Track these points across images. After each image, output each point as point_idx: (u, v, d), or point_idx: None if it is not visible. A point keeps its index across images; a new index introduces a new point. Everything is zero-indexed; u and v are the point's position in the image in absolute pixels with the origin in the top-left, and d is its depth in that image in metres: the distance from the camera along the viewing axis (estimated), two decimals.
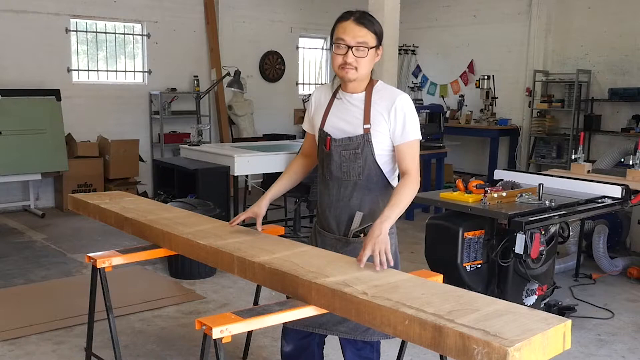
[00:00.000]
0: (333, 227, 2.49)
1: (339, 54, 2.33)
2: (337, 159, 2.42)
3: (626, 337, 4.00)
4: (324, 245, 2.48)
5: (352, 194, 2.43)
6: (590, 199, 4.08)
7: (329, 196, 2.49)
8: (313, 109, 2.55)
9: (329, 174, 2.46)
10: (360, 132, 2.37)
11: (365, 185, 2.42)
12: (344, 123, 2.41)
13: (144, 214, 2.90)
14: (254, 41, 9.21)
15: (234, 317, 1.93)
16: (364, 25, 2.31)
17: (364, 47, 2.30)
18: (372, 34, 2.32)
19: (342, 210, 2.45)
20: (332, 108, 2.45)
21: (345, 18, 2.33)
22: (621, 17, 8.01)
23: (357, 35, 2.29)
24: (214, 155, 5.65)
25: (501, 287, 3.75)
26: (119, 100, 8.07)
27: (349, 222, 2.44)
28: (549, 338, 1.57)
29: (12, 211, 7.24)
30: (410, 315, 1.67)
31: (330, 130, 2.44)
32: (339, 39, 2.32)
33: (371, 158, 2.38)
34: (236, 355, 3.55)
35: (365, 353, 2.52)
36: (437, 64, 10.25)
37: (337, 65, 2.35)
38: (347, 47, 2.30)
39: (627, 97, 7.87)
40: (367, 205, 2.42)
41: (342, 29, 2.32)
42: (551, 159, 8.65)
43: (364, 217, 2.41)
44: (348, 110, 2.41)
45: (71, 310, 4.12)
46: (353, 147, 2.38)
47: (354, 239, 2.43)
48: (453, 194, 3.80)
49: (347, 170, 2.41)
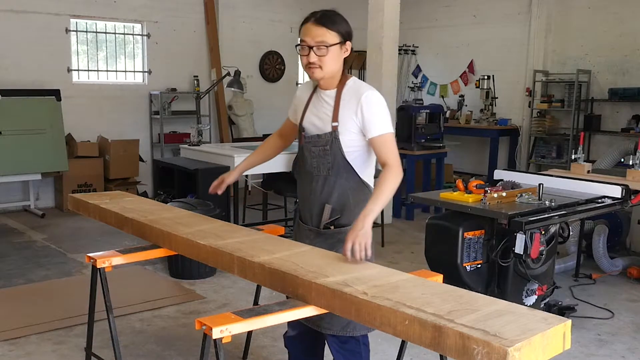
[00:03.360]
0: (308, 219, 2.62)
1: (302, 54, 2.44)
2: (308, 154, 2.55)
3: (626, 337, 4.00)
4: (300, 236, 2.63)
5: (323, 188, 2.53)
6: (590, 199, 4.08)
7: (303, 189, 2.62)
8: (296, 104, 2.70)
9: (302, 167, 2.59)
10: (329, 129, 2.47)
11: (334, 180, 2.51)
12: (317, 119, 2.53)
13: (144, 214, 2.90)
14: (254, 41, 9.21)
15: (234, 317, 1.93)
16: (323, 24, 2.40)
17: (323, 46, 2.39)
18: (333, 32, 2.41)
19: (314, 204, 2.57)
20: (310, 104, 2.58)
21: (307, 20, 2.45)
22: (621, 17, 8.01)
23: (316, 35, 2.40)
24: (214, 155, 5.65)
25: (501, 287, 3.75)
26: (119, 100, 8.07)
27: (320, 214, 2.55)
28: (548, 338, 1.57)
29: (12, 211, 7.24)
30: (410, 315, 1.67)
31: (306, 126, 2.57)
32: (302, 41, 2.44)
33: (340, 154, 2.47)
34: (236, 355, 3.55)
35: (350, 346, 2.56)
36: (437, 64, 10.25)
37: (304, 66, 2.48)
38: (308, 47, 2.41)
39: (627, 97, 7.87)
40: (337, 199, 2.52)
41: (303, 31, 2.44)
42: (551, 159, 8.65)
43: (333, 210, 2.52)
44: (321, 107, 2.53)
45: (71, 310, 4.12)
46: (322, 144, 2.49)
47: (324, 231, 2.55)
48: (453, 194, 3.80)
49: (317, 165, 2.52)
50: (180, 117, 8.36)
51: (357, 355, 2.56)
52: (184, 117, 8.34)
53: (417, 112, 7.53)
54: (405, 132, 7.33)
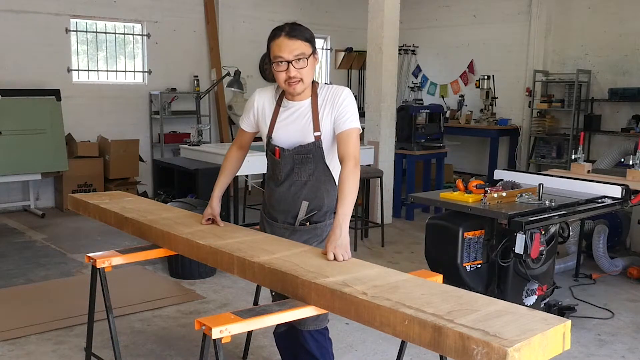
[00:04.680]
0: (281, 218, 2.64)
1: (280, 70, 2.42)
2: (289, 163, 2.55)
3: (626, 337, 4.00)
4: (274, 234, 2.63)
5: (302, 191, 2.57)
6: (590, 199, 4.08)
7: (279, 193, 2.61)
8: (257, 114, 2.64)
9: (280, 175, 2.59)
10: (312, 139, 2.49)
11: (314, 184, 2.56)
12: (293, 132, 2.52)
13: (144, 214, 2.90)
14: (254, 41, 9.20)
15: (233, 317, 1.93)
16: (296, 37, 2.41)
17: (302, 57, 2.40)
18: (306, 42, 2.42)
19: (291, 205, 2.60)
20: (279, 118, 2.56)
21: (276, 35, 2.43)
22: (621, 17, 8.01)
23: (293, 49, 2.39)
24: (214, 155, 5.65)
25: (501, 287, 3.75)
26: (119, 100, 8.07)
27: (296, 213, 2.59)
28: (548, 338, 1.57)
29: (12, 211, 7.24)
30: (409, 315, 1.67)
31: (280, 140, 2.55)
32: (277, 57, 2.41)
33: (321, 161, 2.53)
34: (236, 355, 3.55)
35: (322, 341, 2.66)
36: (437, 64, 10.25)
37: (283, 81, 2.44)
38: (287, 62, 2.39)
39: (627, 97, 7.87)
40: (315, 200, 2.58)
41: (277, 47, 2.41)
42: (551, 159, 8.65)
43: (310, 209, 2.57)
44: (296, 120, 2.52)
45: (71, 310, 4.12)
46: (304, 153, 2.51)
47: (300, 227, 2.59)
48: (453, 194, 3.80)
49: (298, 171, 2.55)
50: (180, 117, 8.36)
51: (325, 349, 2.67)
52: (184, 117, 8.34)
53: (417, 112, 7.53)
54: (405, 132, 7.33)
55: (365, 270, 2.09)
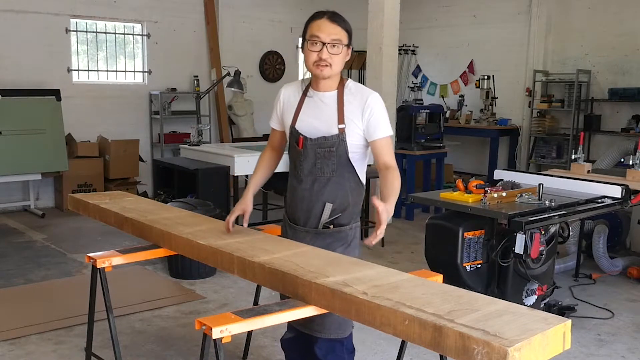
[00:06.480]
0: (302, 220, 2.55)
1: (313, 50, 2.38)
2: (312, 156, 2.48)
3: (626, 337, 4.00)
4: (296, 238, 2.54)
5: (325, 189, 2.50)
6: (590, 199, 4.08)
7: (302, 190, 2.54)
8: (282, 107, 2.61)
9: (302, 170, 2.52)
10: (335, 131, 2.43)
11: (338, 181, 2.49)
12: (318, 122, 2.47)
13: (144, 214, 2.90)
14: (254, 41, 9.21)
15: (234, 317, 1.93)
16: (337, 23, 2.39)
17: (338, 44, 2.37)
18: (345, 32, 2.40)
19: (315, 204, 2.52)
20: (304, 107, 2.51)
21: (318, 17, 2.41)
22: (621, 17, 8.01)
23: (332, 33, 2.37)
24: (214, 155, 5.65)
25: (501, 287, 3.75)
26: (119, 100, 8.07)
27: (319, 214, 2.51)
28: (548, 338, 1.57)
29: (12, 211, 7.24)
30: (410, 315, 1.67)
31: (303, 129, 2.49)
32: (314, 36, 2.38)
33: (345, 156, 2.46)
34: (236, 355, 3.55)
35: (338, 351, 2.55)
36: (437, 64, 10.25)
37: (312, 62, 2.40)
38: (322, 43, 2.36)
39: (627, 97, 7.87)
40: (338, 199, 2.50)
41: (316, 27, 2.39)
42: (551, 159, 8.65)
43: (333, 209, 2.50)
44: (321, 109, 2.47)
45: (71, 310, 4.12)
46: (328, 146, 2.44)
47: (323, 230, 2.51)
48: (453, 194, 3.80)
49: (321, 167, 2.48)
50: (180, 117, 8.36)
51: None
52: (184, 117, 8.34)
53: (417, 112, 7.53)
54: (405, 132, 7.33)
55: (365, 270, 2.09)
